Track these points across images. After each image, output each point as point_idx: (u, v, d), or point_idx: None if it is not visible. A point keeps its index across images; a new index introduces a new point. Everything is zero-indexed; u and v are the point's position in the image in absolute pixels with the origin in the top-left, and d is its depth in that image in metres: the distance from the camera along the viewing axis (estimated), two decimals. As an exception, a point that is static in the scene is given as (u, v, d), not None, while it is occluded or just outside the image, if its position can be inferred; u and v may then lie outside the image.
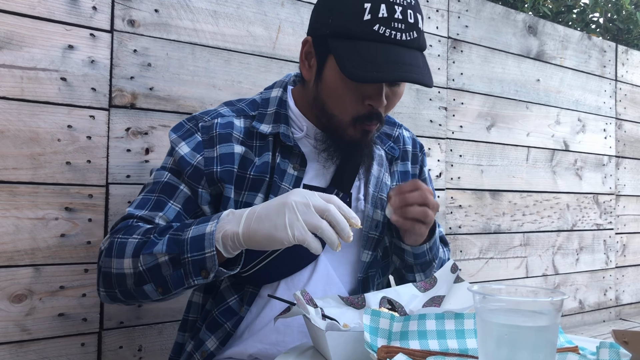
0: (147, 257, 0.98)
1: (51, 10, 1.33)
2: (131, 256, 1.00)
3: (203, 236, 0.94)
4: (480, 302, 0.68)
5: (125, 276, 1.01)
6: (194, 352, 1.16)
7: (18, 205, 1.28)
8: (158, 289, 0.99)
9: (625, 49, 2.95)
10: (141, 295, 1.02)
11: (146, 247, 0.98)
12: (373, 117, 1.10)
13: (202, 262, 0.94)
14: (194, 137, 1.13)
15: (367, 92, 1.08)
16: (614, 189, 2.88)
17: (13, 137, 1.28)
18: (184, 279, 0.96)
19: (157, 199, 1.11)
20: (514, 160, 2.44)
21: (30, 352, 1.30)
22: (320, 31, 1.10)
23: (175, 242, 0.96)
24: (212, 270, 0.94)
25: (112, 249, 1.03)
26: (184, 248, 0.95)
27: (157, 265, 0.97)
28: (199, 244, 0.93)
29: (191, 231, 0.95)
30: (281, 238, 0.88)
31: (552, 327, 0.66)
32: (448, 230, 2.20)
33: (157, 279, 0.98)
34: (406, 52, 1.05)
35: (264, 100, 1.21)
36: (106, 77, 1.40)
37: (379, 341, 0.82)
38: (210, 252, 0.93)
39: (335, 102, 1.10)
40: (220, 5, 1.59)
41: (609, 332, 2.43)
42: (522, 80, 2.48)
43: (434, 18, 2.16)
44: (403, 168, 1.33)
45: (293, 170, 1.15)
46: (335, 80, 1.08)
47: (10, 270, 1.27)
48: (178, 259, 0.95)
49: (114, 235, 1.05)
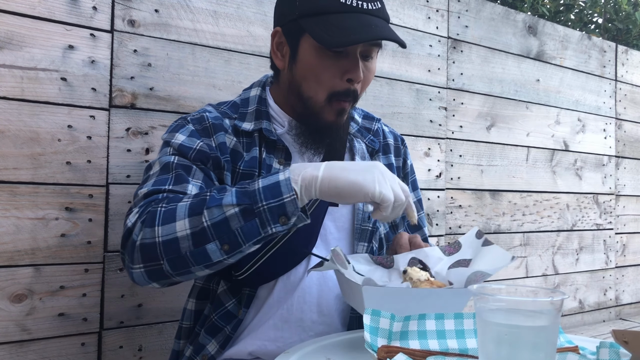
0: (213, 211, 0.92)
1: (51, 10, 1.33)
2: (187, 216, 0.93)
3: (278, 183, 0.92)
4: (480, 302, 0.68)
5: (179, 240, 0.93)
6: (195, 357, 1.16)
7: (18, 205, 1.28)
8: (223, 247, 0.92)
9: (625, 49, 2.95)
10: (199, 259, 0.94)
11: (209, 202, 0.92)
12: (349, 94, 1.12)
13: (281, 207, 0.91)
14: (186, 127, 1.13)
15: (344, 67, 1.10)
16: (613, 189, 2.88)
17: (13, 137, 1.28)
18: (260, 227, 0.91)
19: (176, 175, 1.05)
20: (514, 160, 2.44)
21: (30, 352, 1.30)
22: (288, 17, 1.13)
23: (245, 193, 0.92)
24: (294, 214, 0.92)
25: (156, 218, 0.95)
26: (256, 197, 0.91)
27: (225, 219, 0.91)
28: (274, 190, 0.91)
29: (260, 182, 0.93)
30: (367, 189, 0.90)
31: (552, 327, 0.66)
32: (448, 230, 2.20)
33: (224, 235, 0.92)
34: (376, 19, 1.09)
35: (244, 100, 1.23)
36: (106, 77, 1.40)
37: (379, 341, 0.82)
38: (290, 196, 0.91)
39: (312, 81, 1.11)
40: (220, 6, 1.59)
41: (609, 332, 2.43)
42: (522, 80, 2.48)
43: (434, 18, 2.16)
44: (386, 161, 1.34)
45: (278, 164, 1.16)
46: (311, 59, 1.11)
47: (10, 270, 1.27)
48: (251, 209, 0.91)
49: (152, 206, 0.98)
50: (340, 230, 1.22)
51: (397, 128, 1.88)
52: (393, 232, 1.33)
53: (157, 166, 1.09)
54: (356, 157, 1.26)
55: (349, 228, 1.23)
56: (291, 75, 1.15)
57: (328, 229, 1.20)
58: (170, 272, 0.96)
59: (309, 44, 1.10)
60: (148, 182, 1.07)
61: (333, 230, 1.21)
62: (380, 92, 1.97)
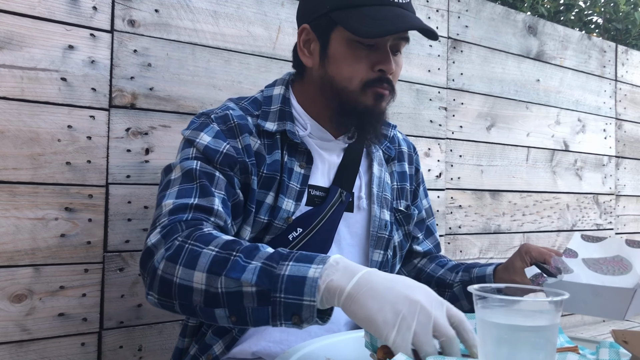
0: (229, 281, 0.84)
1: (51, 10, 1.33)
2: (206, 271, 0.86)
3: (304, 280, 0.80)
4: (480, 302, 0.68)
5: (193, 291, 0.87)
6: (200, 356, 1.16)
7: (18, 205, 1.28)
8: (231, 317, 0.86)
9: (625, 49, 2.95)
10: (206, 317, 0.88)
11: (230, 269, 0.84)
12: (383, 80, 1.11)
13: (297, 307, 0.80)
14: (211, 127, 1.10)
15: (376, 58, 1.10)
16: (614, 189, 2.88)
17: (13, 137, 1.28)
18: (270, 319, 0.82)
19: (201, 185, 1.01)
20: (514, 161, 2.44)
21: (30, 352, 1.30)
22: (317, 12, 1.13)
23: (268, 274, 0.82)
24: (308, 321, 0.81)
25: (181, 256, 0.89)
26: (277, 285, 0.81)
27: (240, 293, 0.83)
28: (297, 286, 0.80)
29: (289, 267, 0.82)
30: (380, 332, 0.74)
31: (552, 327, 0.66)
32: (448, 230, 2.20)
33: (235, 307, 0.84)
34: (406, 12, 1.10)
35: (266, 98, 1.20)
36: (106, 77, 1.40)
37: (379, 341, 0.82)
38: (310, 301, 0.79)
39: (345, 73, 1.11)
40: (220, 6, 1.59)
41: (609, 332, 2.42)
42: (522, 80, 2.48)
43: (434, 18, 2.16)
44: (400, 169, 1.34)
45: (299, 168, 1.15)
46: (344, 51, 1.10)
47: (10, 270, 1.27)
48: (267, 295, 0.81)
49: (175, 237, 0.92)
50: (354, 236, 1.22)
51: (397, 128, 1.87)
52: (406, 240, 1.33)
53: (179, 171, 1.04)
54: (374, 163, 1.26)
55: (362, 234, 1.23)
56: (323, 71, 1.14)
57: (342, 234, 1.20)
58: (179, 312, 0.93)
59: (340, 37, 1.10)
60: (170, 189, 1.02)
61: (347, 236, 1.21)
62: (380, 92, 1.97)
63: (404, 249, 1.33)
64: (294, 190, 1.14)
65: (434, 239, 1.45)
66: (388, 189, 1.27)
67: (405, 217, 1.31)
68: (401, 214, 1.30)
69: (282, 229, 1.13)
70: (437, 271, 1.37)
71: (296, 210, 1.14)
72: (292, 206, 1.13)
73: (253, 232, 1.12)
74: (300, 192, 1.15)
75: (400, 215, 1.30)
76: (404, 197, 1.33)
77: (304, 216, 1.14)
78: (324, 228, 1.15)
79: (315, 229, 1.14)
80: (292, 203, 1.13)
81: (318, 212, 1.15)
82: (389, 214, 1.25)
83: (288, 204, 1.13)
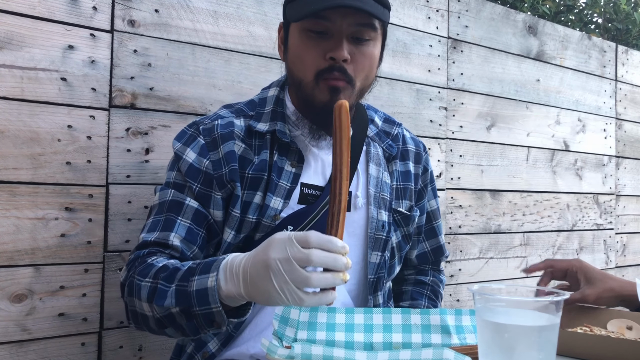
0: (160, 308, 0.97)
1: (51, 10, 1.33)
2: (146, 301, 0.99)
3: (206, 291, 0.91)
4: (480, 302, 0.68)
5: (147, 318, 1.01)
6: (195, 354, 1.16)
7: (18, 205, 1.28)
8: (178, 332, 0.99)
9: (625, 49, 2.95)
10: (169, 335, 1.03)
11: (157, 298, 0.97)
12: (334, 69, 1.09)
13: (211, 315, 0.92)
14: (197, 141, 1.15)
15: (328, 46, 1.10)
16: (614, 189, 2.88)
17: (13, 137, 1.28)
18: (199, 328, 0.95)
19: (166, 218, 1.11)
20: (514, 160, 2.44)
21: (30, 352, 1.30)
22: (283, 12, 1.19)
23: (183, 294, 0.94)
24: (223, 324, 0.93)
25: (132, 289, 1.03)
26: (191, 301, 0.93)
27: (171, 315, 0.96)
28: (204, 298, 0.92)
29: (195, 282, 0.93)
30: (278, 303, 0.84)
31: (552, 327, 0.66)
32: (448, 230, 2.20)
33: (175, 326, 0.98)
34: None
35: (262, 99, 1.23)
36: (106, 77, 1.40)
37: (288, 330, 0.87)
38: (217, 308, 0.91)
39: (299, 64, 1.13)
40: (220, 5, 1.59)
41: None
42: (522, 80, 2.48)
43: (434, 18, 2.16)
44: (403, 168, 1.32)
45: (290, 167, 1.16)
46: (296, 43, 1.13)
47: (10, 270, 1.27)
48: (189, 311, 0.94)
49: (131, 273, 1.05)
50: (351, 237, 1.21)
51: (397, 128, 1.87)
52: (405, 242, 1.32)
53: (157, 199, 1.15)
54: (370, 163, 1.25)
55: (360, 235, 1.22)
56: (287, 65, 1.18)
57: None
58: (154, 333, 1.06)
59: (294, 28, 1.13)
60: (146, 221, 1.14)
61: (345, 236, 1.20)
62: (380, 92, 1.97)
63: (403, 250, 1.32)
64: (283, 189, 1.15)
65: (435, 241, 1.43)
66: (387, 189, 1.26)
67: (405, 218, 1.30)
68: (400, 215, 1.29)
69: (270, 226, 1.14)
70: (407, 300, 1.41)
71: (285, 208, 1.15)
72: (280, 204, 1.14)
73: (243, 232, 1.14)
74: (289, 191, 1.15)
75: (399, 217, 1.29)
76: (407, 197, 1.31)
77: (295, 214, 1.15)
78: (317, 227, 1.15)
79: (307, 227, 1.15)
80: (280, 201, 1.14)
81: (310, 210, 1.16)
82: (387, 215, 1.24)
83: (276, 202, 1.14)
